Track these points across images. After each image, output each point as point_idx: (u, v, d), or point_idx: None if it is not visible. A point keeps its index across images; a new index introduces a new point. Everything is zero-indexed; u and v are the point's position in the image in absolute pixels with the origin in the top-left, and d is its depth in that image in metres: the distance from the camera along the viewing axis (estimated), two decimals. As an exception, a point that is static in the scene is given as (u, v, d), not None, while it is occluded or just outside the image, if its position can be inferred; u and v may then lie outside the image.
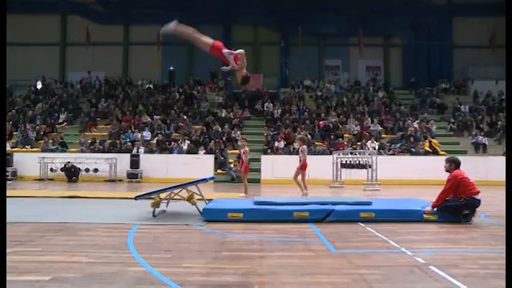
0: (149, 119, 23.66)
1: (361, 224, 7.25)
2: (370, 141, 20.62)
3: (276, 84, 28.35)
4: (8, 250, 4.95)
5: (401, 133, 22.09)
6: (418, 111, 25.23)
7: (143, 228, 6.91)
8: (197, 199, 8.30)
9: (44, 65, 29.73)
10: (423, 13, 28.64)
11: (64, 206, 9.82)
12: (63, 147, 21.45)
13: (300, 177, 11.73)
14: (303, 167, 11.65)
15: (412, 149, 20.69)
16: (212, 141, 21.14)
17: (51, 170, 19.77)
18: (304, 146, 12.02)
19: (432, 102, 26.27)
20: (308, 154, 19.96)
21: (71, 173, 19.02)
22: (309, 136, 20.36)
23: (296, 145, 15.80)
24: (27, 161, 20.02)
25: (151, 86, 28.32)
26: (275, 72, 29.66)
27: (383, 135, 22.41)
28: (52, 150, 20.98)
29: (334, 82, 28.86)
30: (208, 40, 7.29)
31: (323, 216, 7.49)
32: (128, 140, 21.58)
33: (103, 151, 20.85)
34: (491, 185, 14.91)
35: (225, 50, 7.10)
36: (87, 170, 19.68)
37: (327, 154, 19.64)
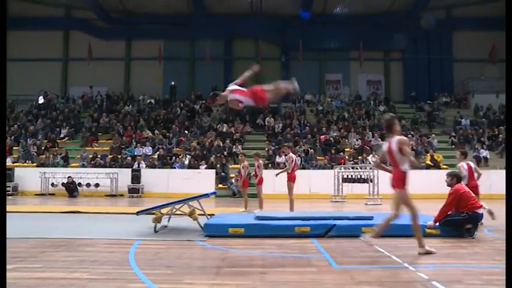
0: (150, 134, 23.71)
1: (363, 239, 7.21)
2: (371, 156, 20.58)
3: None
4: (9, 266, 4.93)
5: (403, 147, 22.05)
6: (419, 125, 25.25)
7: (144, 244, 6.88)
8: (198, 214, 8.28)
9: (46, 80, 29.89)
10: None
11: (65, 222, 9.79)
12: (66, 161, 21.46)
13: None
14: (244, 184, 12.56)
15: (414, 162, 20.64)
16: (213, 155, 21.15)
17: (52, 184, 19.75)
18: (246, 163, 12.60)
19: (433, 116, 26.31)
20: (310, 168, 20.14)
21: (72, 188, 18.99)
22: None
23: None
24: (28, 176, 20.02)
25: (152, 100, 28.42)
26: (276, 86, 29.70)
27: (384, 149, 22.37)
28: (54, 164, 20.98)
29: (335, 96, 28.96)
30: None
31: (324, 231, 7.46)
32: (130, 154, 21.58)
33: (104, 166, 20.85)
34: (494, 199, 14.83)
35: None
36: (88, 184, 19.67)
37: (328, 168, 19.66)
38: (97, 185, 19.66)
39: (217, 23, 29.40)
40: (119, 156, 21.62)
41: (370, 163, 19.00)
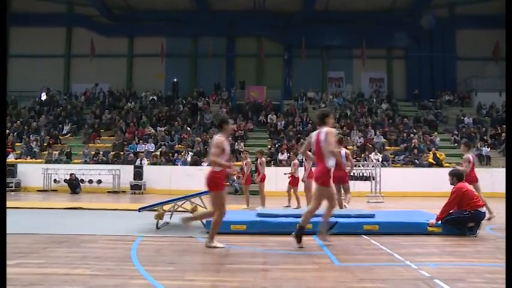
0: (153, 131, 23.72)
1: (365, 237, 7.21)
2: (373, 153, 20.56)
3: (279, 96, 28.41)
4: (11, 262, 4.95)
5: (405, 145, 22.04)
6: (421, 123, 25.20)
7: (146, 241, 6.89)
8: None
9: (48, 77, 29.91)
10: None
11: (67, 218, 9.81)
12: (69, 157, 21.48)
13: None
14: (247, 181, 12.71)
15: (416, 160, 20.62)
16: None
17: (55, 181, 19.79)
18: (249, 160, 12.82)
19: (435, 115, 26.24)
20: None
21: (74, 185, 19.03)
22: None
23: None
24: (31, 172, 20.05)
25: (155, 97, 28.44)
26: (278, 84, 29.73)
27: (386, 147, 22.36)
28: (56, 161, 21.02)
29: (338, 94, 28.92)
30: None
31: (327, 228, 7.44)
32: (132, 151, 21.61)
33: (106, 162, 20.87)
34: (496, 197, 14.80)
35: None
36: (90, 181, 19.69)
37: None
38: (99, 181, 19.69)
39: (220, 20, 29.35)
40: (121, 153, 21.63)
41: (372, 161, 18.98)
